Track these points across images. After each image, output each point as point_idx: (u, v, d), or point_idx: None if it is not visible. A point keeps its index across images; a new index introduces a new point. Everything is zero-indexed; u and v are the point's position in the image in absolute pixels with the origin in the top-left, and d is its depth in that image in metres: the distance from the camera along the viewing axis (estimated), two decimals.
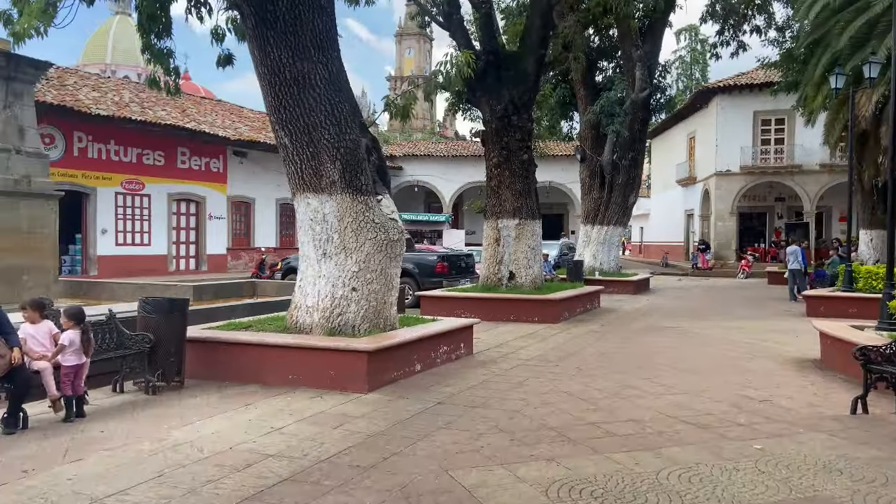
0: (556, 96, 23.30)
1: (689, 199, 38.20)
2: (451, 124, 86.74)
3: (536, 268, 14.18)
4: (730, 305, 17.32)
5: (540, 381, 7.82)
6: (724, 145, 32.67)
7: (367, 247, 7.80)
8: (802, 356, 9.61)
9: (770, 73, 29.87)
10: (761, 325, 13.40)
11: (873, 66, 14.53)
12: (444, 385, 7.55)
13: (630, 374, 8.25)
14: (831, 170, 31.05)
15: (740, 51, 23.78)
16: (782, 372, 8.53)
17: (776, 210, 36.10)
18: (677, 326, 12.97)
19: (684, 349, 10.30)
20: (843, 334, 8.40)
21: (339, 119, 7.59)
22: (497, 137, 13.80)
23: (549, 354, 9.71)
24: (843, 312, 14.01)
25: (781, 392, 7.31)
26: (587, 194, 22.42)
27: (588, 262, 21.27)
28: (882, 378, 6.26)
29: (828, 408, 6.60)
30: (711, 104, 33.97)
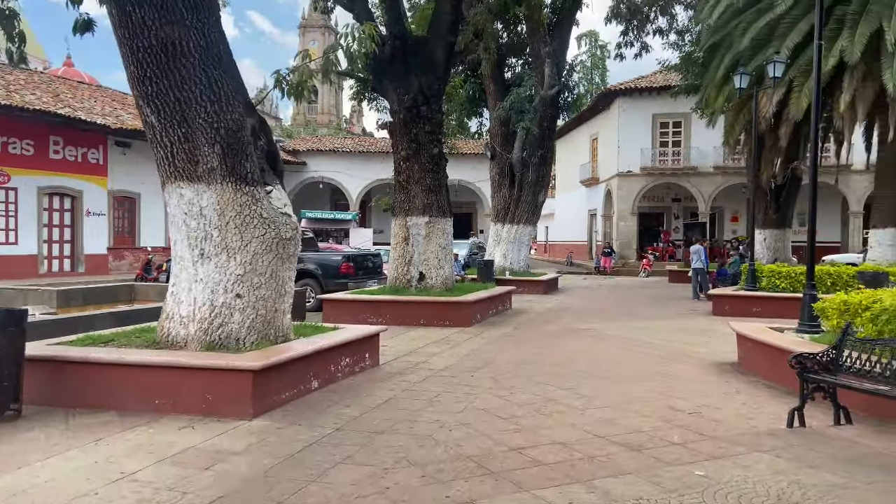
0: (465, 91, 22.67)
1: (592, 200, 38.74)
2: (359, 120, 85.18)
3: (448, 268, 13.40)
4: (638, 305, 17.22)
5: (454, 397, 6.98)
6: (625, 147, 33.22)
7: (253, 246, 6.70)
8: (720, 359, 9.28)
9: (668, 77, 30.62)
10: (672, 324, 13.21)
11: (777, 66, 14.70)
12: (345, 405, 6.58)
13: (550, 385, 7.56)
14: (724, 172, 32.22)
15: (643, 52, 24.05)
16: (703, 377, 8.10)
17: (673, 210, 37.15)
18: (591, 328, 12.53)
19: (601, 353, 9.78)
20: (762, 337, 8.09)
21: (219, 95, 6.46)
22: (405, 129, 12.91)
23: (463, 363, 8.92)
24: (747, 311, 14.09)
25: (709, 402, 6.82)
26: (497, 192, 21.93)
27: (498, 262, 20.76)
28: (819, 388, 5.83)
29: (761, 420, 6.13)
30: (613, 106, 34.50)
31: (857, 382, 5.54)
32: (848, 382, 5.54)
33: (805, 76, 16.23)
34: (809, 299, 8.24)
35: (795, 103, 16.27)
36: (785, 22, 16.56)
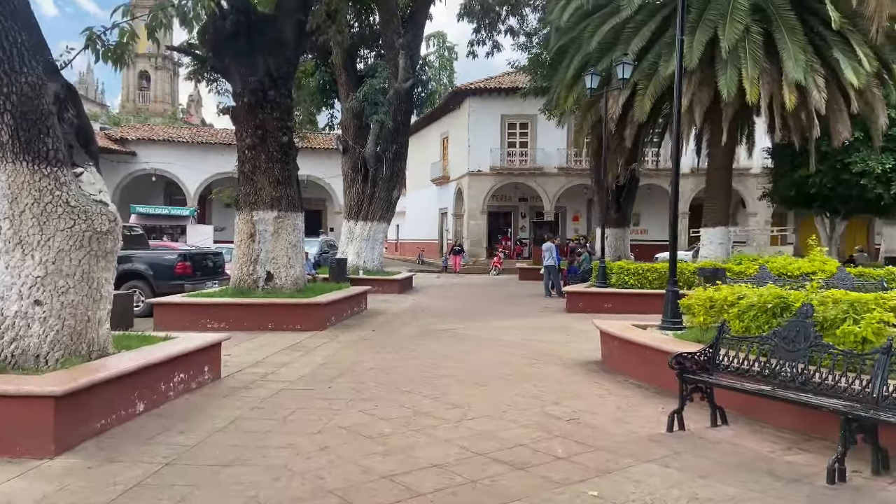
0: (316, 81, 21.50)
1: (443, 198, 38.83)
2: (198, 110, 79.90)
3: (299, 267, 12.34)
4: (493, 303, 17.12)
5: (311, 414, 6.10)
6: (475, 146, 33.54)
7: (58, 241, 5.41)
8: (583, 357, 9.12)
9: (516, 79, 31.31)
10: (530, 323, 13.10)
11: (626, 68, 15.13)
12: (179, 431, 5.49)
13: (418, 394, 6.90)
14: (568, 173, 33.52)
15: (495, 50, 24.23)
16: (572, 378, 7.84)
17: (520, 210, 38.17)
18: (451, 329, 12.06)
19: (465, 356, 9.29)
20: (628, 335, 7.97)
21: (9, 51, 5.12)
22: (251, 114, 11.70)
23: (319, 373, 8.02)
24: (599, 307, 14.36)
25: (583, 406, 6.49)
26: (350, 188, 21.00)
27: (352, 261, 19.86)
28: (697, 389, 5.64)
29: (640, 424, 5.86)
30: (463, 106, 34.73)
31: (736, 382, 5.40)
32: (729, 383, 5.38)
33: (648, 80, 16.92)
34: (672, 296, 8.26)
35: (639, 106, 16.90)
36: (630, 27, 17.16)
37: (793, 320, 5.26)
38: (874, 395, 4.48)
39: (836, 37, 15.90)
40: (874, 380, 4.51)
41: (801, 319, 5.19)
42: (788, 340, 5.20)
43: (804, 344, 5.09)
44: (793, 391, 4.98)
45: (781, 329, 5.31)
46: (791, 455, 4.99)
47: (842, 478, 4.31)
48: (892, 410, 4.33)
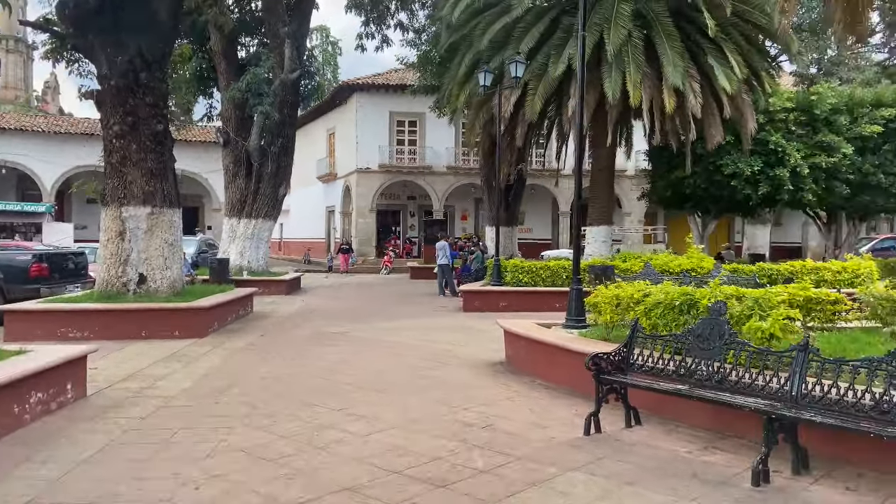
0: (192, 68, 20.06)
1: (330, 196, 37.83)
2: (55, 98, 73.41)
3: (176, 268, 11.30)
4: (388, 303, 16.66)
5: (198, 435, 5.41)
6: (363, 143, 32.86)
7: None
8: (487, 358, 8.88)
9: (405, 76, 30.98)
10: (428, 323, 12.76)
11: (518, 67, 15.14)
12: (40, 462, 4.67)
13: (318, 406, 6.34)
14: (456, 172, 33.59)
15: (384, 45, 23.71)
16: (479, 381, 7.56)
17: (409, 208, 37.89)
18: (346, 332, 11.49)
19: (365, 361, 8.79)
20: (535, 334, 7.80)
21: None
22: (119, 99, 10.55)
23: (204, 386, 7.24)
24: (495, 306, 14.30)
25: (496, 411, 6.20)
26: (232, 183, 19.76)
27: (234, 261, 18.69)
28: (612, 389, 5.49)
29: (556, 429, 5.64)
30: (351, 101, 33.96)
31: (653, 382, 5.29)
32: (647, 383, 5.25)
33: (538, 80, 17.09)
34: (576, 294, 8.18)
35: (530, 105, 17.04)
36: (520, 26, 17.27)
37: (707, 318, 5.22)
38: (793, 393, 4.47)
39: (710, 44, 16.75)
40: (793, 377, 4.50)
41: (715, 317, 5.16)
42: (703, 338, 5.15)
43: (719, 342, 5.05)
44: (711, 390, 4.92)
45: (696, 327, 5.26)
46: (708, 455, 4.93)
47: (766, 479, 4.25)
48: (812, 409, 4.32)
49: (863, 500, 4.03)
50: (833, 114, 18.09)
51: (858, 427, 4.00)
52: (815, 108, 17.96)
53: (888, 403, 4.00)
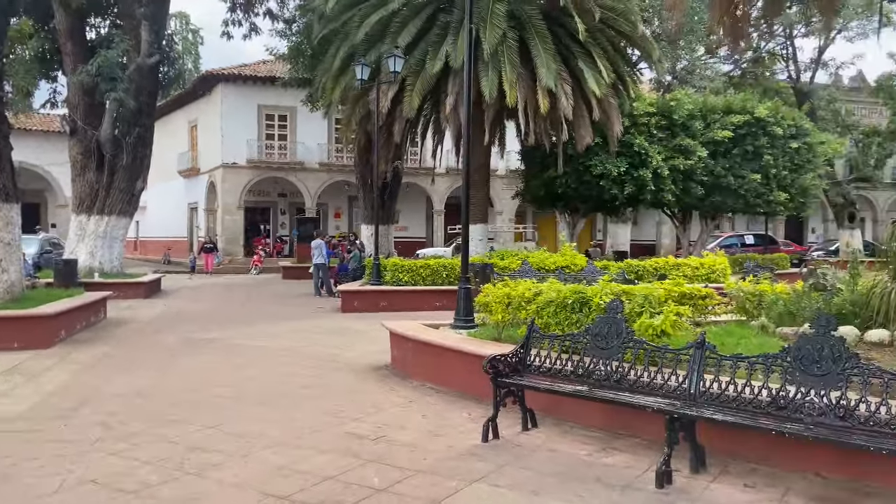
0: (33, 48, 17.94)
1: (193, 192, 35.61)
2: None
3: (14, 271, 9.94)
4: (261, 306, 15.78)
5: (43, 464, 4.63)
6: (229, 137, 31.16)
7: None
8: (372, 362, 8.48)
9: (274, 68, 29.74)
10: (305, 326, 12.13)
11: (397, 61, 14.82)
12: None
13: (188, 424, 5.68)
14: (329, 169, 32.73)
15: (253, 33, 22.53)
16: (365, 387, 7.17)
17: (280, 206, 36.49)
18: (217, 338, 10.65)
19: (240, 370, 8.12)
20: (423, 336, 7.52)
21: None
22: None
23: (50, 405, 6.32)
24: (375, 306, 13.91)
25: (387, 420, 5.85)
26: (80, 176, 17.88)
27: (84, 262, 16.91)
28: (510, 392, 5.31)
29: (453, 437, 5.37)
30: (215, 92, 32.12)
31: (552, 384, 5.15)
32: (546, 385, 5.11)
33: (416, 76, 16.87)
34: (465, 294, 7.98)
35: (408, 101, 16.77)
36: (397, 21, 16.96)
37: (604, 317, 5.16)
38: (691, 390, 4.47)
39: (580, 49, 17.29)
40: (690, 375, 4.50)
41: (612, 315, 5.10)
42: (601, 337, 5.08)
43: (617, 340, 4.99)
44: (610, 390, 4.85)
45: (593, 326, 5.18)
46: (608, 456, 4.85)
47: (669, 480, 4.21)
48: (711, 406, 4.34)
49: (763, 496, 4.08)
50: (689, 119, 19.31)
51: (758, 424, 4.04)
52: (674, 113, 19.09)
53: (784, 399, 4.07)
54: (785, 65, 32.02)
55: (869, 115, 35.74)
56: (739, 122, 19.36)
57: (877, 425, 3.68)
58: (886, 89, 30.68)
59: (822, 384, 3.96)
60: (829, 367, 3.96)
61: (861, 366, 3.87)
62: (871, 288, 6.76)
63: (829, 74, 33.61)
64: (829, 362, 3.96)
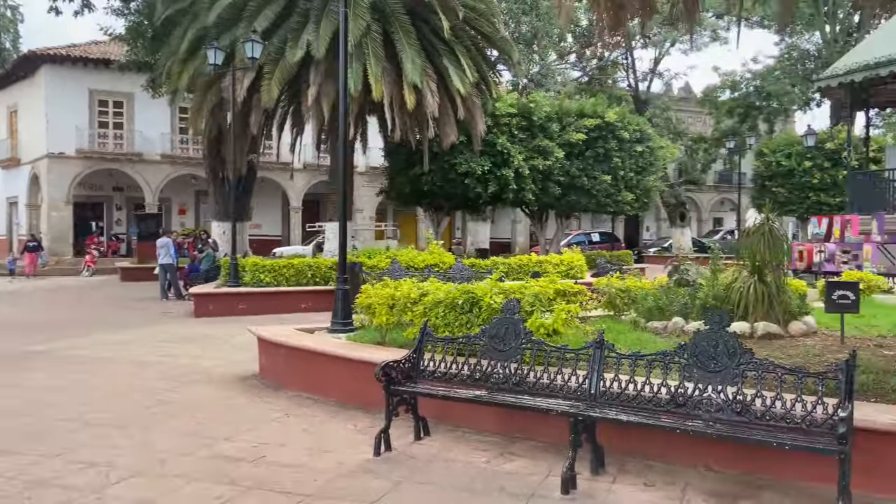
0: None
1: (11, 185, 31.73)
2: None
3: None
4: (99, 311, 14.21)
5: None
6: (56, 124, 28.03)
7: None
8: (237, 372, 7.79)
9: (108, 50, 27.22)
10: (155, 333, 11.02)
11: (255, 47, 13.93)
12: None
13: (24, 454, 4.81)
14: (174, 161, 30.50)
15: (86, 10, 20.39)
16: (234, 401, 6.53)
17: (115, 201, 33.45)
18: (50, 350, 9.35)
19: (83, 386, 7.13)
20: (295, 341, 7.01)
21: None
22: None
23: None
24: (232, 309, 13.00)
25: (264, 437, 5.32)
26: None
27: None
28: (403, 401, 4.99)
29: (341, 451, 4.96)
30: (39, 74, 28.81)
31: (447, 389, 4.90)
32: (444, 392, 4.84)
33: (275, 64, 16.02)
34: (342, 295, 7.53)
35: (266, 91, 15.89)
36: (252, 4, 16.02)
37: (501, 317, 4.98)
38: (592, 391, 4.40)
39: (444, 47, 17.29)
40: (591, 375, 4.43)
41: (510, 315, 4.94)
42: (498, 339, 4.90)
43: (515, 342, 4.84)
44: (510, 394, 4.68)
45: (490, 327, 5.00)
46: (507, 462, 4.68)
47: (574, 485, 4.09)
48: (613, 406, 4.28)
49: (664, 494, 4.07)
50: (547, 121, 19.99)
51: (660, 423, 4.03)
52: (533, 114, 19.67)
53: (683, 396, 4.09)
54: (626, 74, 34.34)
55: (695, 123, 39.27)
56: (592, 126, 20.34)
57: (773, 419, 3.78)
58: (712, 100, 33.83)
59: (719, 380, 4.02)
60: (725, 363, 4.03)
61: (755, 361, 3.96)
62: (731, 283, 7.19)
63: (662, 84, 36.53)
64: (725, 358, 4.03)
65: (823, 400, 3.68)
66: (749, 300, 6.85)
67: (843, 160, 24.75)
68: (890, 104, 19.40)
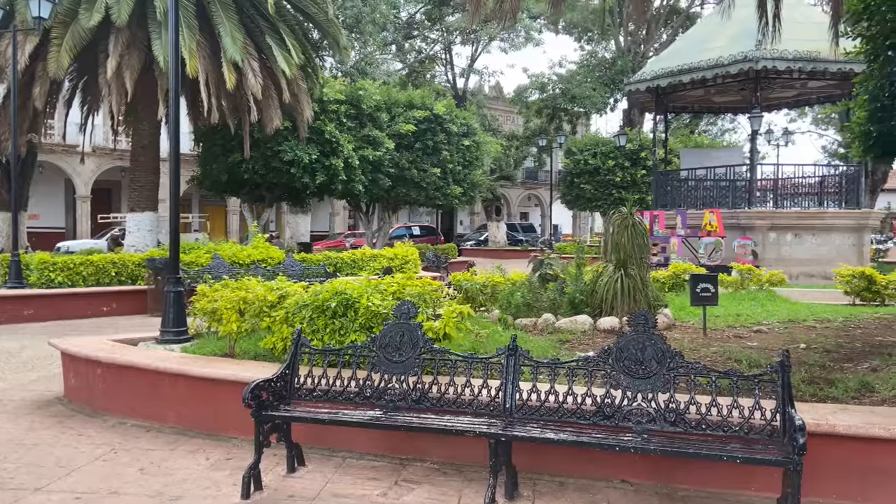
0: None
1: None
2: None
3: None
4: None
5: None
6: None
7: None
8: (35, 397, 6.26)
9: None
10: None
11: (43, 5, 11.72)
12: None
13: None
14: None
15: None
16: (37, 435, 5.15)
17: None
18: None
19: None
20: (118, 357, 5.72)
21: None
22: None
23: None
24: (17, 316, 10.88)
25: (87, 483, 4.15)
26: None
27: None
28: (276, 427, 4.12)
29: (194, 496, 3.98)
30: None
31: (333, 411, 4.11)
32: (329, 415, 4.03)
33: (65, 27, 13.72)
34: (175, 298, 6.31)
35: (55, 59, 13.54)
36: None
37: (394, 323, 4.30)
38: (507, 405, 3.89)
39: (267, 24, 15.99)
40: (505, 386, 3.92)
41: (405, 321, 4.28)
42: (392, 348, 4.22)
43: (412, 351, 4.19)
44: (410, 412, 4.03)
45: (381, 335, 4.29)
46: (407, 494, 4.01)
47: None
48: (532, 421, 3.80)
49: None
50: (377, 111, 19.34)
51: (591, 439, 3.60)
52: (362, 102, 18.90)
53: (611, 407, 3.72)
54: (444, 69, 34.77)
55: (506, 122, 40.96)
56: (421, 118, 20.05)
57: (710, 427, 3.53)
58: (523, 100, 35.39)
59: (649, 386, 3.70)
60: (654, 368, 3.72)
61: (687, 364, 3.70)
62: (597, 277, 7.12)
63: (478, 81, 37.57)
64: (654, 363, 3.72)
65: (760, 405, 3.49)
66: (616, 294, 6.81)
67: (641, 160, 27.06)
68: (685, 109, 21.39)
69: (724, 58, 15.74)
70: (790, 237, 16.32)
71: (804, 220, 16.17)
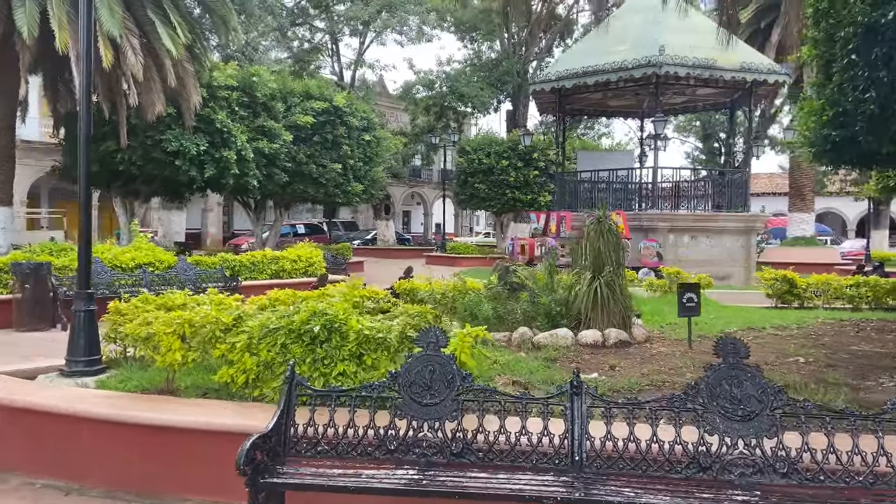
0: None
1: None
2: None
3: None
4: None
5: None
6: None
7: None
8: None
9: None
10: None
11: None
12: None
13: None
14: None
15: None
16: None
17: None
18: None
19: None
20: (16, 398, 4.39)
21: None
22: None
23: None
24: None
25: None
26: None
27: None
28: (273, 496, 3.13)
29: None
30: None
31: (349, 473, 3.17)
32: (343, 481, 3.10)
33: None
34: (87, 319, 4.97)
35: None
36: None
37: (421, 355, 3.42)
38: (576, 457, 3.15)
39: None
40: (572, 433, 3.18)
41: (434, 351, 3.41)
42: (422, 388, 3.34)
43: (448, 391, 3.34)
44: (452, 470, 3.17)
45: (405, 370, 3.40)
46: None
47: None
48: (610, 477, 3.08)
49: None
50: (271, 99, 17.83)
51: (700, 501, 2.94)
52: (256, 90, 17.32)
53: (707, 456, 3.08)
54: (331, 60, 33.34)
55: (391, 119, 40.09)
56: (320, 109, 18.77)
57: (829, 478, 2.98)
58: (410, 97, 34.69)
59: (752, 430, 3.10)
60: (755, 408, 3.12)
61: (794, 402, 3.13)
62: (572, 286, 6.55)
63: (364, 75, 36.45)
64: (754, 401, 3.13)
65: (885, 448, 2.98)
66: (596, 303, 6.26)
67: (533, 161, 27.23)
68: (582, 112, 21.66)
69: (629, 61, 15.92)
70: (687, 239, 16.82)
71: (700, 223, 16.72)
